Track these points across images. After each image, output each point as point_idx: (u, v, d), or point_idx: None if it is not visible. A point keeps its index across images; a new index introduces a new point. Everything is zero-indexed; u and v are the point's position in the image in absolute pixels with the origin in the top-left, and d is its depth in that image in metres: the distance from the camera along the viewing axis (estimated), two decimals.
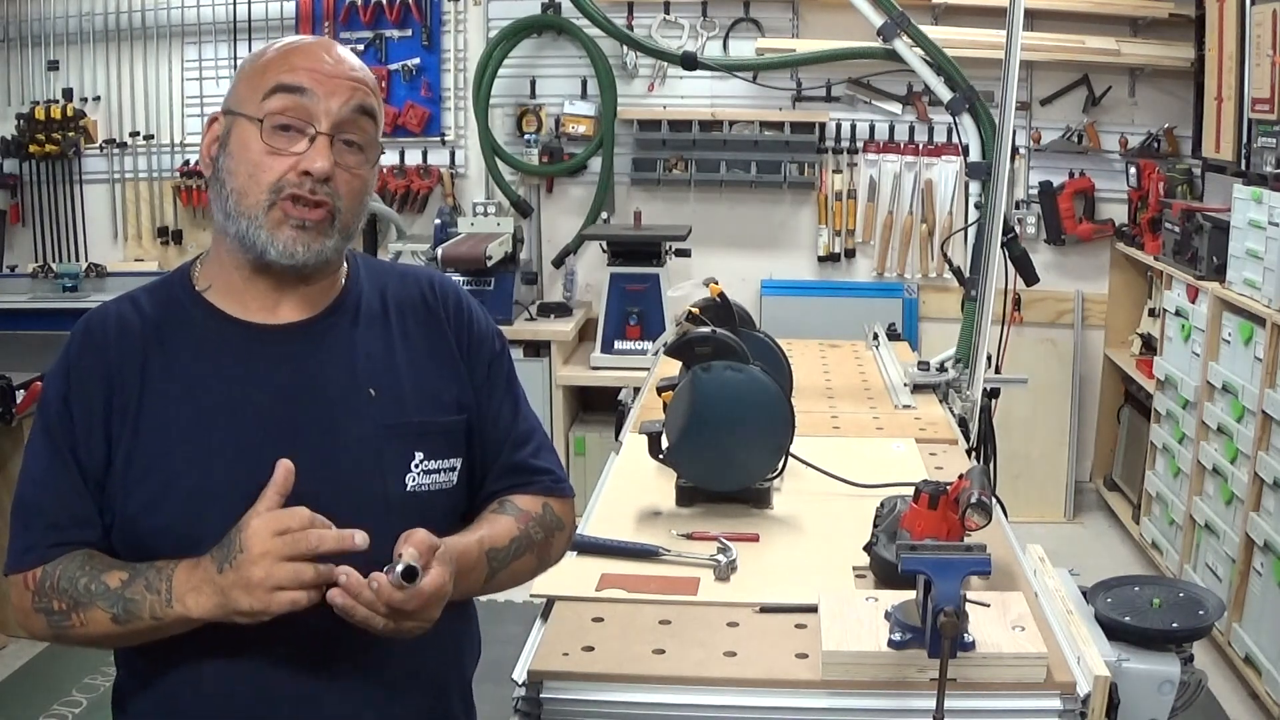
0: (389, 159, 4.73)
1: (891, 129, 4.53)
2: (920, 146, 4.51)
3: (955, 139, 3.61)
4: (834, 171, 4.54)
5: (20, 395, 3.24)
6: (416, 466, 1.29)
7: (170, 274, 1.35)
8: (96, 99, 4.79)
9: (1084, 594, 1.58)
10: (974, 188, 2.78)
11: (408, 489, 1.29)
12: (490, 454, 1.39)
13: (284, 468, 1.16)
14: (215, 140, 1.28)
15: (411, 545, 1.15)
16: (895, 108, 4.51)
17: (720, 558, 1.69)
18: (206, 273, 1.31)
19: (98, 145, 4.81)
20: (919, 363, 2.79)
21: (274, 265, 1.25)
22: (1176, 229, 3.78)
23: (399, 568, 1.12)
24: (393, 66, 4.64)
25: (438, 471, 1.31)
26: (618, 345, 4.28)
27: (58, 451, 1.24)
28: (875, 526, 1.69)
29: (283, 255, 1.24)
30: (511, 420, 1.41)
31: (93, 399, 1.24)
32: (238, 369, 1.26)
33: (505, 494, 1.39)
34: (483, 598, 1.36)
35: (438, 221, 4.38)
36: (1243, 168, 3.67)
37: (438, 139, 4.72)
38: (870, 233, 4.60)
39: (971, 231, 2.78)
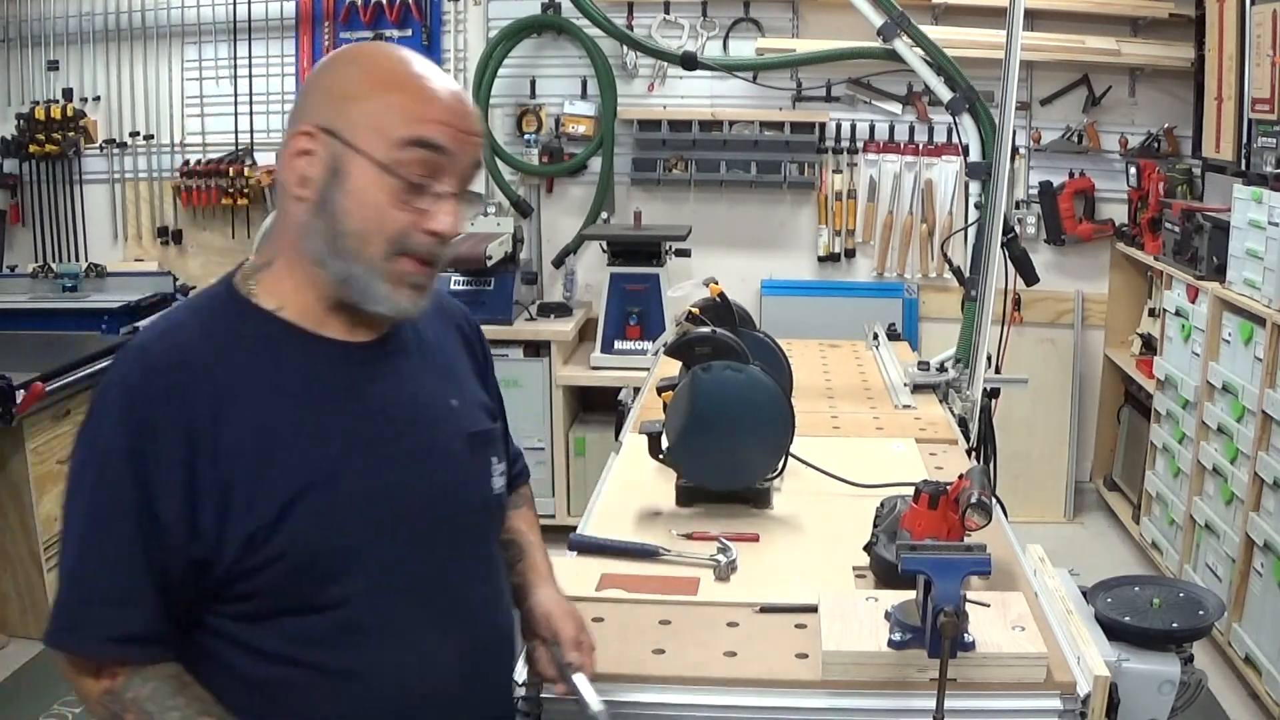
0: None
1: (891, 129, 4.53)
2: (920, 146, 4.51)
3: (955, 139, 3.62)
4: (834, 171, 4.54)
5: (20, 395, 3.24)
6: (495, 470, 1.35)
7: (214, 297, 1.23)
8: (96, 99, 4.79)
9: (1084, 594, 1.58)
10: (974, 188, 2.79)
11: (495, 491, 1.35)
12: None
13: None
14: (322, 166, 1.15)
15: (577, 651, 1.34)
16: (895, 108, 4.50)
17: (720, 558, 1.70)
18: (275, 293, 1.20)
19: (98, 145, 4.81)
20: (919, 363, 2.79)
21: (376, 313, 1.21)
22: (1176, 229, 3.78)
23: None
24: None
25: (503, 475, 1.38)
26: (618, 345, 4.27)
27: (128, 518, 1.10)
28: (875, 526, 1.69)
29: (395, 311, 1.20)
30: (503, 425, 1.49)
31: (172, 455, 1.11)
32: (335, 386, 1.20)
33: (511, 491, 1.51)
34: None
35: None
36: (1243, 168, 3.66)
37: None
38: (870, 233, 4.59)
39: (971, 231, 2.78)
